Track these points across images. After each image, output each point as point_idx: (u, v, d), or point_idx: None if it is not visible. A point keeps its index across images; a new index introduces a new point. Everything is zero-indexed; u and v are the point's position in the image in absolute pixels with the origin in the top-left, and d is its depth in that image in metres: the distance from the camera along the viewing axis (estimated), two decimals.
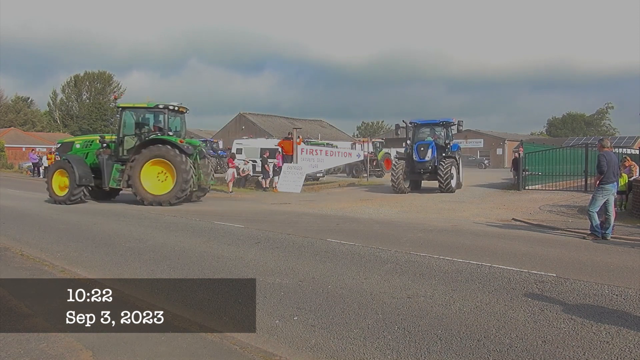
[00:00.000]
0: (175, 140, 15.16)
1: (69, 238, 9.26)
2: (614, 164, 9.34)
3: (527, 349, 3.93)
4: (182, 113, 16.47)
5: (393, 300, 5.27)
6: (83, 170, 15.31)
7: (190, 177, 14.87)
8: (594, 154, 14.00)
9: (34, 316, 4.56)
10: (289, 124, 52.38)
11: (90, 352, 3.72)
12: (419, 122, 21.84)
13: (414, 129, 21.75)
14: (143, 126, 15.88)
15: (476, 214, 13.34)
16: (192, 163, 15.41)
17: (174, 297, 5.51)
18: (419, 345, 4.04)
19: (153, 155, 15.00)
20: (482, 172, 45.43)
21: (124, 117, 16.02)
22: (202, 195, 16.96)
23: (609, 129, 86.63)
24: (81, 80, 72.50)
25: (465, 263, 6.94)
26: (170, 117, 15.79)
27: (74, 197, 15.10)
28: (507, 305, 5.04)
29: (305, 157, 22.90)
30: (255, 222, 11.31)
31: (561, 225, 10.95)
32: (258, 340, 4.23)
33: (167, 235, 9.49)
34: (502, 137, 68.27)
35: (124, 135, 15.83)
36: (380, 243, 8.52)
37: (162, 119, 15.66)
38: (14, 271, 6.32)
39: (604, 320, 4.59)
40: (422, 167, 20.35)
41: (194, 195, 16.40)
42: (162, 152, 14.94)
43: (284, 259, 7.33)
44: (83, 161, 15.86)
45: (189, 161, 14.96)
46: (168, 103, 15.89)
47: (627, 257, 7.66)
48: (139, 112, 16.05)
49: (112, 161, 15.65)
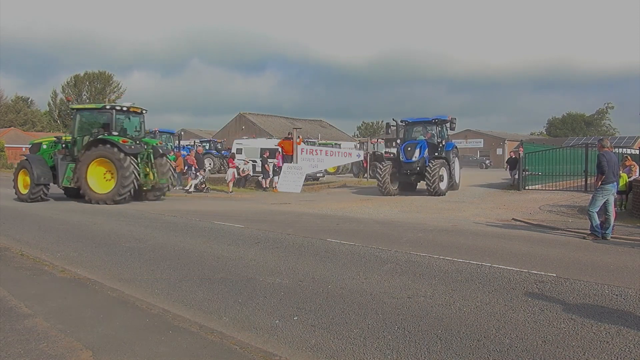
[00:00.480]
0: (118, 139, 15.39)
1: (69, 238, 9.26)
2: (614, 164, 9.35)
3: (527, 349, 3.93)
4: (138, 113, 16.97)
5: (393, 300, 5.27)
6: (42, 170, 16.06)
7: (130, 176, 15.13)
8: (594, 154, 13.98)
9: (34, 316, 4.56)
10: (289, 124, 52.41)
11: (90, 352, 3.71)
12: (411, 120, 20.85)
13: (405, 128, 20.86)
14: (94, 127, 16.30)
15: (476, 214, 13.34)
16: (143, 162, 16.03)
17: (174, 297, 5.53)
18: (419, 345, 4.04)
19: (97, 155, 15.43)
20: (483, 172, 45.46)
21: (77, 118, 16.61)
22: (159, 194, 17.11)
23: (609, 129, 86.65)
24: (81, 80, 72.47)
25: (465, 263, 6.95)
26: (119, 117, 16.32)
27: (34, 195, 15.86)
28: (507, 305, 5.04)
29: (305, 157, 22.91)
30: (255, 222, 11.31)
31: (561, 225, 10.95)
32: (258, 340, 4.23)
33: (167, 235, 9.49)
34: (502, 137, 68.32)
35: (78, 136, 16.36)
36: (380, 243, 8.52)
37: (110, 120, 16.05)
38: (14, 271, 6.31)
39: (604, 320, 4.59)
40: (409, 168, 19.20)
41: (150, 194, 16.76)
42: (105, 151, 15.33)
43: (284, 259, 7.33)
44: (43, 161, 16.55)
45: (129, 160, 15.20)
46: (117, 104, 16.77)
47: (627, 257, 7.67)
48: (90, 113, 16.77)
49: (67, 161, 16.27)
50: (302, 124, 51.11)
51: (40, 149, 17.27)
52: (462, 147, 68.58)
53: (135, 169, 15.31)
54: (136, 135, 16.69)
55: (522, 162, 20.65)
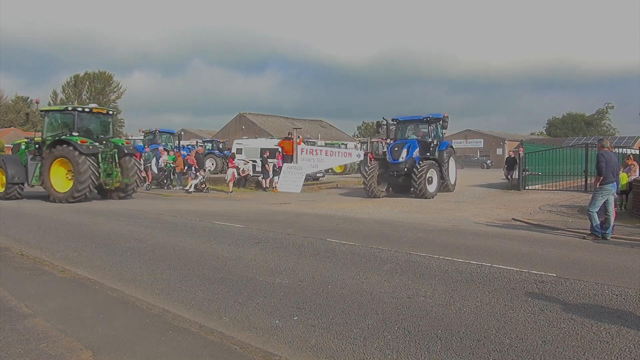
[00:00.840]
0: (76, 140, 15.86)
1: (69, 238, 9.26)
2: (613, 164, 9.34)
3: (527, 349, 3.93)
4: (105, 114, 17.82)
5: (393, 300, 5.27)
6: (15, 170, 16.77)
7: (86, 175, 15.55)
8: (594, 154, 13.97)
9: (34, 316, 4.56)
10: (288, 124, 52.41)
11: (90, 352, 3.71)
12: (402, 119, 20.00)
13: (397, 127, 20.08)
14: (59, 128, 17.03)
15: (476, 214, 13.34)
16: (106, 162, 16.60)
17: (174, 297, 5.53)
18: (419, 345, 4.04)
19: (57, 155, 16.03)
20: (484, 172, 45.44)
21: (46, 120, 17.30)
22: (123, 195, 17.49)
23: (609, 129, 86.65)
24: (81, 80, 72.40)
25: (465, 263, 6.95)
26: (84, 119, 16.97)
27: (9, 194, 16.59)
28: (507, 305, 5.04)
29: (305, 157, 22.90)
30: (255, 222, 11.31)
31: (561, 225, 10.95)
32: (258, 340, 4.22)
33: (167, 235, 9.49)
34: (502, 137, 68.35)
35: (45, 137, 16.88)
36: (380, 243, 8.52)
37: (73, 121, 16.60)
38: (14, 271, 6.31)
39: (604, 320, 4.59)
40: (395, 169, 18.17)
41: (114, 194, 17.29)
42: (64, 152, 15.88)
43: (284, 259, 7.33)
44: (19, 161, 17.21)
45: (86, 160, 15.65)
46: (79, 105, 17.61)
47: (627, 257, 7.67)
48: (56, 114, 17.49)
49: (36, 161, 16.84)
50: (302, 124, 51.13)
51: (19, 149, 18.04)
52: (462, 147, 68.93)
53: (92, 169, 15.74)
54: (104, 136, 17.36)
55: (522, 162, 20.65)
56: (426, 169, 17.50)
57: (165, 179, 23.60)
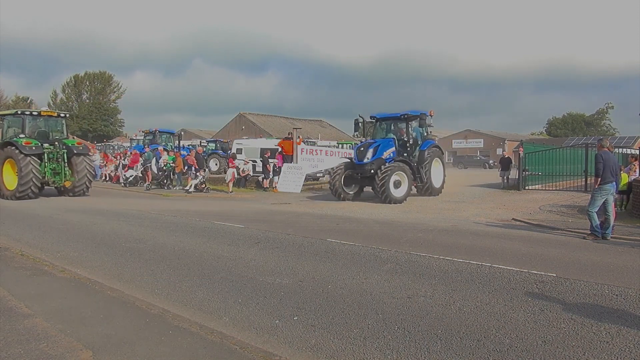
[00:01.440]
0: (20, 142, 16.78)
1: (69, 238, 9.26)
2: (612, 164, 9.33)
3: (527, 349, 3.93)
4: (56, 117, 18.81)
5: (393, 300, 5.27)
6: None
7: (28, 175, 16.39)
8: (594, 154, 13.98)
9: (34, 316, 4.56)
10: (289, 124, 52.38)
11: (90, 352, 3.71)
12: (379, 116, 18.45)
13: (375, 125, 18.75)
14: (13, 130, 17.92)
15: (476, 214, 13.34)
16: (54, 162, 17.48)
17: (174, 297, 5.53)
18: (419, 345, 4.04)
19: (5, 156, 17.08)
20: (485, 172, 45.40)
21: (5, 123, 18.37)
22: (77, 191, 18.10)
23: (609, 129, 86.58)
24: (81, 80, 72.41)
25: (465, 263, 6.94)
26: (34, 121, 18.09)
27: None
28: (507, 305, 5.04)
29: (305, 157, 22.89)
30: (255, 222, 11.31)
31: (561, 225, 10.95)
32: (258, 340, 4.22)
33: (167, 235, 9.49)
34: (502, 137, 68.34)
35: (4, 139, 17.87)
36: (380, 243, 8.52)
37: (22, 123, 17.66)
38: (14, 271, 6.31)
39: (604, 320, 4.59)
40: (360, 171, 16.78)
41: (68, 191, 18.00)
42: (10, 153, 16.89)
43: (284, 259, 7.32)
44: None
45: (28, 160, 16.48)
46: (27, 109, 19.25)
47: (627, 257, 7.66)
48: (9, 118, 18.46)
49: None
50: (302, 124, 51.11)
51: None
52: (462, 147, 69.05)
53: (34, 169, 16.55)
54: (59, 137, 18.40)
55: (522, 162, 20.64)
56: (390, 171, 15.86)
57: (165, 179, 23.62)
